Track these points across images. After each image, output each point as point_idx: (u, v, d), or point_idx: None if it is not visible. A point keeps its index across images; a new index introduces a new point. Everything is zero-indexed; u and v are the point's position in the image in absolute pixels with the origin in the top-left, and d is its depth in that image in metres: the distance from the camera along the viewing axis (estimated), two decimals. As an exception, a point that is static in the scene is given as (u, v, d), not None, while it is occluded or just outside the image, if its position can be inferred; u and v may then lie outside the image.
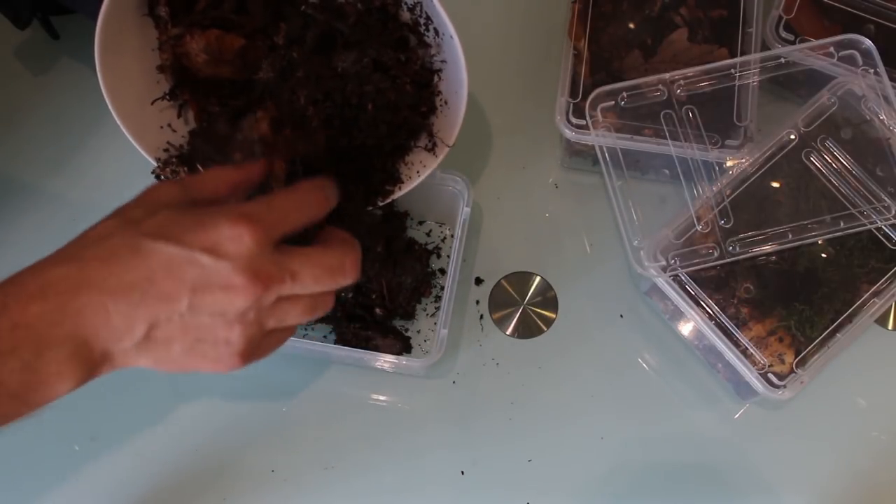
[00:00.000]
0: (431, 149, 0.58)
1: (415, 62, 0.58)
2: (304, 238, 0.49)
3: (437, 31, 0.56)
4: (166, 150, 0.60)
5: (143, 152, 0.59)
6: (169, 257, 0.44)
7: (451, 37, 0.53)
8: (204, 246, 0.44)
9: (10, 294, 0.43)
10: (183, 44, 0.57)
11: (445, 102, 0.58)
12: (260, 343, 0.47)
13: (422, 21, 0.57)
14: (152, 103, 0.59)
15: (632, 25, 0.68)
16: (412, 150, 0.59)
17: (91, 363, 0.44)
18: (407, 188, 0.58)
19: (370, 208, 0.59)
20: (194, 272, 0.44)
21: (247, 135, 0.52)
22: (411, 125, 0.58)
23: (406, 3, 0.57)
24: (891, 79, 0.62)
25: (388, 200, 0.58)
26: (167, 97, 0.59)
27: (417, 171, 0.58)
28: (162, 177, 0.59)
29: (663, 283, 0.61)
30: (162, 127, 0.60)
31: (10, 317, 0.42)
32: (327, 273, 0.47)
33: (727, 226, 0.62)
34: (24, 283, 0.44)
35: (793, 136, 0.64)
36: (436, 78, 0.58)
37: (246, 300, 0.44)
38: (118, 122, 0.57)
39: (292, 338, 0.56)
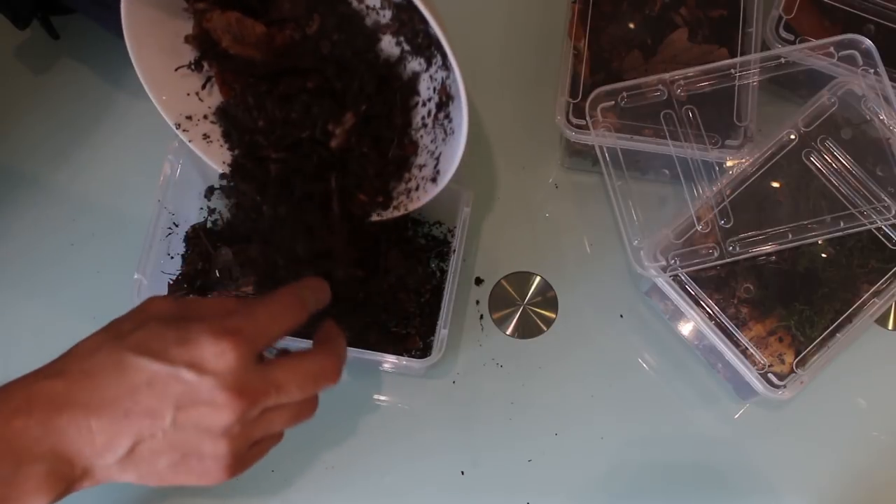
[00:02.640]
0: (434, 178, 0.58)
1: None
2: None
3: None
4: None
5: (163, 112, 0.59)
6: (152, 373, 0.44)
7: (455, 71, 0.52)
8: (187, 362, 0.43)
9: None
10: (208, 19, 0.56)
11: (453, 131, 0.57)
12: (246, 454, 0.48)
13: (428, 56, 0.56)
14: (176, 70, 0.59)
15: (632, 25, 0.68)
16: (413, 177, 0.59)
17: (70, 480, 0.44)
18: (401, 212, 0.59)
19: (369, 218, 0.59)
20: (178, 388, 0.43)
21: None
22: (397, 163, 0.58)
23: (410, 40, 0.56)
24: (891, 79, 0.62)
25: (384, 219, 0.59)
26: (192, 66, 0.59)
27: (418, 196, 0.58)
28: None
29: (663, 283, 0.61)
30: (188, 94, 0.60)
31: None
32: (311, 380, 0.48)
33: (727, 226, 0.62)
34: (11, 396, 0.44)
35: (793, 136, 0.64)
36: (450, 104, 0.57)
37: (231, 415, 0.44)
38: (141, 79, 0.57)
39: (292, 338, 0.56)
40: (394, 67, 0.57)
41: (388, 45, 0.56)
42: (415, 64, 0.57)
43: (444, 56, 0.55)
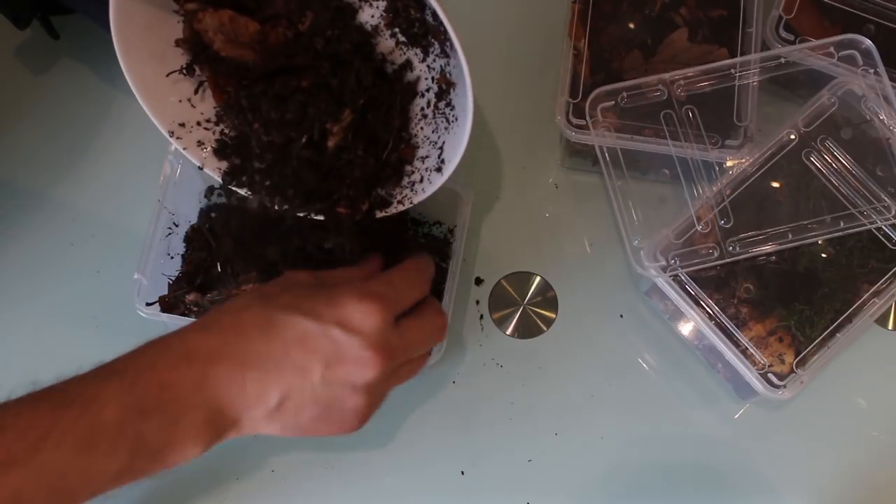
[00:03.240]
0: (440, 168, 0.57)
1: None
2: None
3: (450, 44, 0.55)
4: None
5: (155, 121, 0.58)
6: (303, 330, 0.47)
7: (459, 53, 0.51)
8: (336, 321, 0.47)
9: (157, 357, 0.46)
10: (199, 20, 0.55)
11: (456, 119, 0.57)
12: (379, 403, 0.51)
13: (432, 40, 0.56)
14: (167, 75, 0.58)
15: (632, 25, 0.68)
16: (416, 170, 0.59)
17: (222, 429, 0.47)
18: (406, 206, 0.58)
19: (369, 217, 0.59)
20: (327, 345, 0.47)
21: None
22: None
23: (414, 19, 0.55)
24: (891, 79, 0.62)
25: (388, 214, 0.59)
26: (184, 71, 0.58)
27: (423, 188, 0.58)
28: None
29: (663, 283, 0.61)
30: (181, 101, 0.59)
31: (158, 376, 0.45)
32: (431, 336, 0.54)
33: (727, 226, 0.62)
34: (171, 346, 0.46)
35: (793, 136, 0.64)
36: (451, 91, 0.56)
37: (374, 372, 0.47)
38: (131, 86, 0.57)
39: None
40: (389, 60, 0.56)
41: (383, 38, 0.56)
42: (411, 55, 0.56)
43: (442, 43, 0.55)
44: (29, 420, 0.42)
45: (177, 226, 0.66)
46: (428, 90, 0.57)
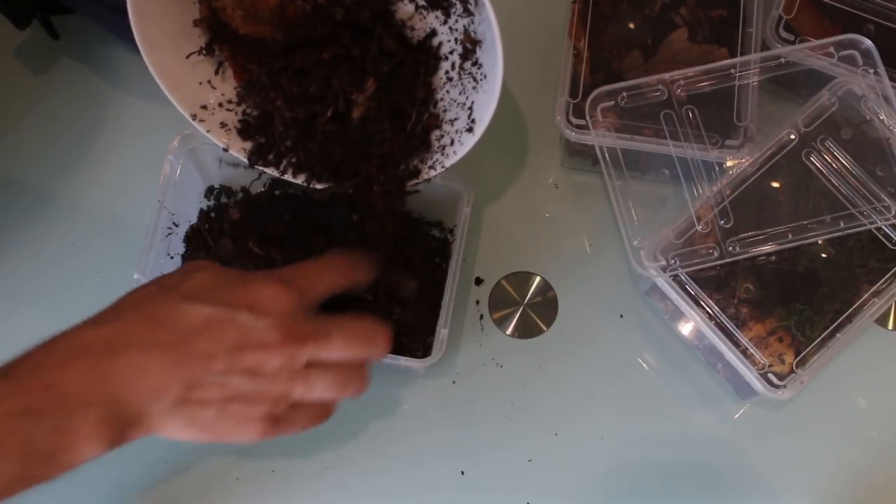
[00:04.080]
0: (470, 128, 0.56)
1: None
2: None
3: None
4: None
5: (178, 105, 0.58)
6: (208, 316, 0.45)
7: (486, 4, 0.50)
8: (244, 304, 0.45)
9: (45, 355, 0.44)
10: None
11: (485, 76, 0.55)
12: (287, 413, 0.48)
13: None
14: (187, 57, 0.58)
15: (632, 25, 0.68)
16: (446, 133, 0.57)
17: (123, 425, 0.44)
18: (438, 170, 0.57)
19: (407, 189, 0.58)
20: (233, 331, 0.45)
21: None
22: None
23: None
24: (891, 79, 0.62)
25: (423, 180, 0.58)
26: (203, 52, 0.58)
27: (454, 151, 0.57)
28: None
29: (663, 283, 0.61)
30: (201, 83, 0.59)
31: (44, 377, 0.42)
32: (359, 340, 0.49)
33: (727, 226, 0.62)
34: (62, 344, 0.44)
35: (793, 136, 0.64)
36: (477, 49, 0.55)
37: (280, 357, 0.46)
38: (154, 74, 0.56)
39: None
40: (409, 25, 0.56)
41: (403, 3, 0.55)
42: (431, 18, 0.55)
43: (465, 1, 0.53)
44: None
45: (177, 226, 0.66)
46: (452, 52, 0.56)
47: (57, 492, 0.65)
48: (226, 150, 0.59)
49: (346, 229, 0.61)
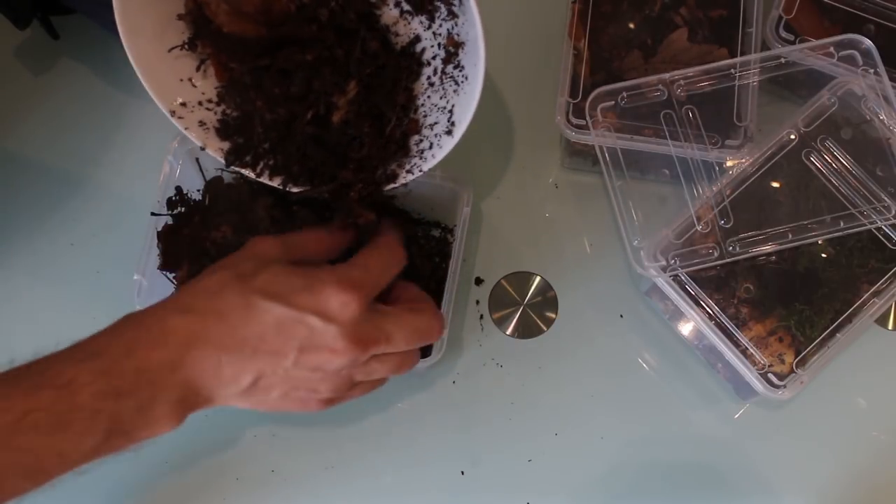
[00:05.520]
0: (450, 131, 0.56)
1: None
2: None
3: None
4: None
5: (156, 100, 0.58)
6: (280, 317, 0.48)
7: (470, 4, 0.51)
8: (314, 309, 0.48)
9: (134, 339, 0.47)
10: None
11: (466, 78, 0.55)
12: (345, 393, 0.52)
13: None
14: (169, 51, 0.57)
15: (632, 25, 0.68)
16: (425, 138, 0.57)
17: (194, 406, 0.48)
18: (415, 174, 0.57)
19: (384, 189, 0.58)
20: (303, 332, 0.48)
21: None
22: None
23: None
24: (891, 79, 0.62)
25: (401, 185, 0.58)
26: (186, 47, 0.58)
27: (433, 154, 0.57)
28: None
29: (663, 283, 0.61)
30: (182, 80, 0.59)
31: (135, 360, 0.46)
32: (417, 335, 0.53)
33: (727, 226, 0.62)
34: (149, 329, 0.48)
35: (793, 136, 0.64)
36: (460, 51, 0.55)
37: (345, 359, 0.49)
38: (133, 64, 0.56)
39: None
40: (394, 31, 0.55)
41: (388, 7, 0.55)
42: (416, 23, 0.55)
43: (449, 3, 0.54)
44: (2, 405, 0.43)
45: (177, 226, 0.66)
46: (434, 58, 0.56)
47: (57, 491, 0.65)
48: (203, 148, 0.59)
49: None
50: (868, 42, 0.62)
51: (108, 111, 0.74)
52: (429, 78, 0.57)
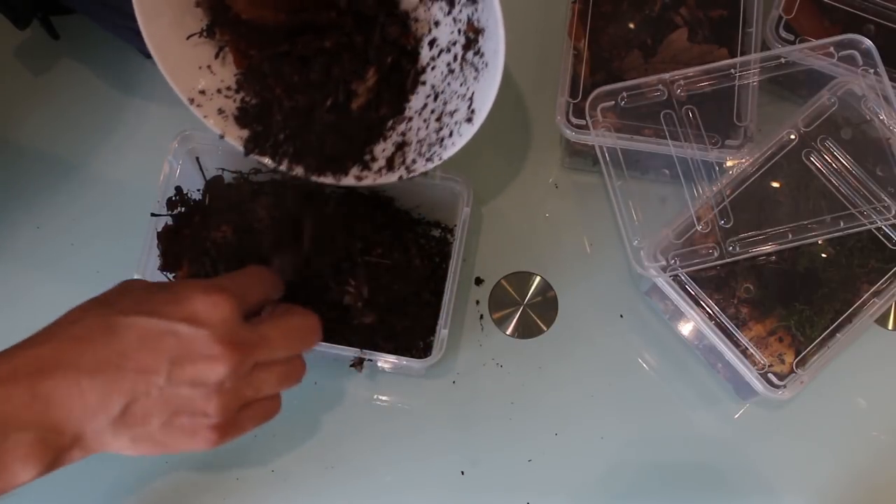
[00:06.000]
0: (469, 118, 0.55)
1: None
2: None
3: None
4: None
5: (175, 87, 0.57)
6: (146, 330, 0.44)
7: None
8: (180, 316, 0.44)
9: None
10: None
11: (486, 65, 0.54)
12: (238, 416, 0.47)
13: None
14: (188, 38, 0.57)
15: (632, 25, 0.68)
16: (444, 126, 0.57)
17: (59, 448, 0.43)
18: (436, 162, 0.57)
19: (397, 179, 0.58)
20: (173, 343, 0.44)
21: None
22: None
23: None
24: (891, 79, 0.62)
25: (421, 173, 0.57)
26: (204, 34, 0.57)
27: (453, 142, 0.56)
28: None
29: (663, 283, 0.61)
30: (200, 67, 0.58)
31: None
32: (295, 335, 0.49)
33: (727, 226, 0.62)
34: None
35: (793, 136, 0.64)
36: (480, 38, 0.55)
37: (225, 368, 0.44)
38: (151, 51, 0.56)
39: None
40: (413, 17, 0.55)
41: None
42: (436, 9, 0.55)
43: None
44: None
45: (177, 226, 0.66)
46: (454, 44, 0.55)
47: (57, 491, 0.65)
48: (222, 136, 0.59)
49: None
50: (868, 42, 0.62)
51: (108, 111, 0.74)
52: (449, 64, 0.56)
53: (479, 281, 0.69)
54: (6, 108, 0.74)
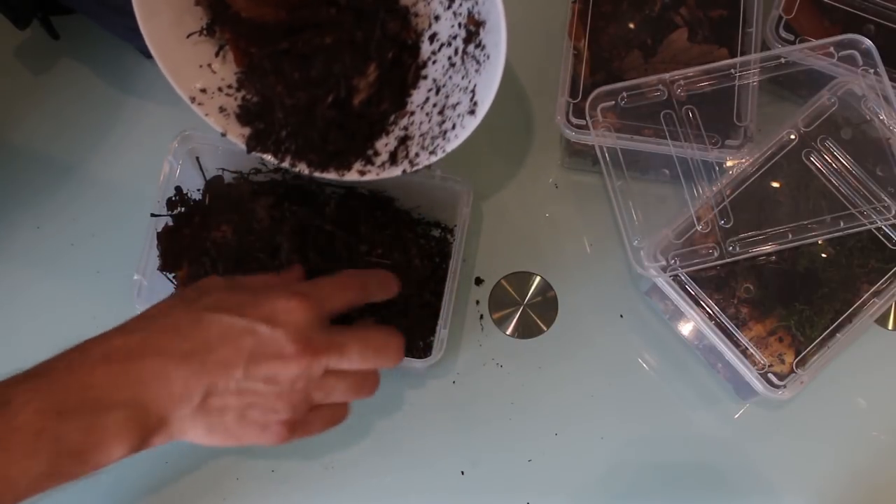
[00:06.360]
0: (472, 111, 0.55)
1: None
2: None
3: None
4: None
5: (175, 86, 0.57)
6: (228, 326, 0.47)
7: None
8: (261, 316, 0.47)
9: (76, 359, 0.46)
10: None
11: (488, 57, 0.54)
12: (306, 417, 0.50)
13: None
14: (188, 37, 0.57)
15: (632, 25, 0.68)
16: (447, 118, 0.57)
17: (147, 428, 0.46)
18: (439, 155, 0.57)
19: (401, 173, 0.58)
20: (251, 340, 0.47)
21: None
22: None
23: None
24: (891, 79, 0.62)
25: (425, 166, 0.57)
26: (204, 32, 0.57)
27: (456, 135, 0.56)
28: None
29: (663, 283, 0.61)
30: (201, 66, 0.58)
31: (77, 377, 0.45)
32: (373, 351, 0.51)
33: (727, 226, 0.62)
34: (89, 350, 0.46)
35: (793, 136, 0.64)
36: (481, 30, 0.55)
37: (297, 368, 0.47)
38: (151, 50, 0.56)
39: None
40: (413, 12, 0.55)
41: None
42: (436, 4, 0.55)
43: None
44: None
45: (177, 226, 0.66)
46: (455, 37, 0.56)
47: (57, 491, 0.65)
48: (224, 134, 0.59)
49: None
50: (868, 42, 0.62)
51: (108, 111, 0.74)
52: (450, 58, 0.56)
53: (479, 281, 0.69)
54: (6, 107, 0.74)
